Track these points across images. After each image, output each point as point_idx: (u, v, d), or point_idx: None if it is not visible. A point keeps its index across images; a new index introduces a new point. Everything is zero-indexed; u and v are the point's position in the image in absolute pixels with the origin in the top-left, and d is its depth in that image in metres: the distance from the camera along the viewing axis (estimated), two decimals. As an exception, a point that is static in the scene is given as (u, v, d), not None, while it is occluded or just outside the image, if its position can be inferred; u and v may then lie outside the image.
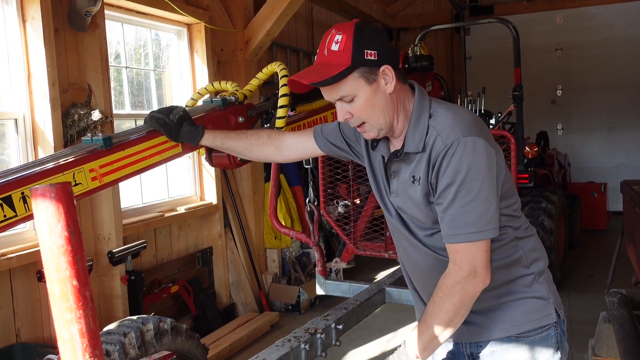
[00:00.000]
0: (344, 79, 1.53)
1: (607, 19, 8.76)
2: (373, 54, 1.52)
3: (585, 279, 5.93)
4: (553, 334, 1.68)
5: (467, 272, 1.50)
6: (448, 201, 1.50)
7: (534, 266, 1.68)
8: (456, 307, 1.52)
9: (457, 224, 1.49)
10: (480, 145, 1.48)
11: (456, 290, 1.51)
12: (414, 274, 1.77)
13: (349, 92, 1.55)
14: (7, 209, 1.50)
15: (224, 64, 5.31)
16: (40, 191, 0.88)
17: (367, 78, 1.54)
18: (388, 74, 1.55)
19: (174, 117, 1.89)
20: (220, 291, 5.18)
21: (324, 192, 3.61)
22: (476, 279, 1.51)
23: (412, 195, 1.60)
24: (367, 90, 1.55)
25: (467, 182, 1.47)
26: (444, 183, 1.50)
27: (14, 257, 3.23)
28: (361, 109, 1.57)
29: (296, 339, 2.25)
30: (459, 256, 1.51)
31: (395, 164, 1.64)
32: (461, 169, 1.47)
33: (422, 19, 9.47)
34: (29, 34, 3.41)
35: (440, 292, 1.53)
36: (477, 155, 1.48)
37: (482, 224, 1.49)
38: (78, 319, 0.89)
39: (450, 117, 1.54)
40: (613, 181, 7.36)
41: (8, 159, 3.49)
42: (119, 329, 2.56)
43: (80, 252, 0.90)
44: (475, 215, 1.48)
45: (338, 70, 1.51)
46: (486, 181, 1.48)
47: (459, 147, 1.47)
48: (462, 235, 1.49)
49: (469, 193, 1.47)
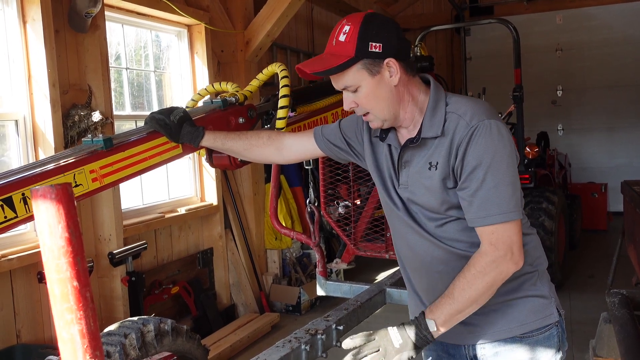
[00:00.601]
0: (347, 70, 1.55)
1: (607, 19, 8.76)
2: (378, 47, 1.54)
3: (585, 279, 5.93)
4: (555, 333, 1.68)
5: (503, 251, 1.50)
6: (478, 183, 1.50)
7: (537, 264, 1.69)
8: (487, 286, 1.51)
9: (490, 205, 1.50)
10: (503, 129, 1.52)
11: (491, 269, 1.50)
12: (418, 271, 1.74)
13: (353, 83, 1.57)
14: (8, 210, 1.50)
15: (224, 65, 5.31)
16: (41, 192, 0.88)
17: (370, 70, 1.55)
18: (392, 66, 1.56)
19: (174, 118, 1.89)
20: (221, 292, 5.18)
21: (325, 193, 3.61)
22: (511, 260, 1.51)
23: (427, 183, 1.59)
24: (370, 82, 1.56)
25: (495, 163, 1.49)
26: (471, 165, 1.51)
27: (14, 258, 3.23)
28: (365, 99, 1.59)
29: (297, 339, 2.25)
30: (495, 237, 1.51)
31: (408, 152, 1.63)
32: (488, 151, 1.49)
33: (422, 20, 9.46)
34: (30, 35, 3.41)
35: (473, 270, 1.51)
36: (502, 138, 1.51)
37: (514, 204, 1.51)
38: (78, 319, 0.89)
39: (470, 103, 1.57)
40: (613, 181, 7.36)
41: (9, 160, 3.49)
42: (120, 330, 2.56)
43: (80, 253, 0.90)
44: (507, 195, 1.50)
45: (341, 61, 1.54)
46: (511, 163, 1.52)
47: (485, 129, 1.50)
48: (496, 216, 1.50)
49: (497, 174, 1.49)
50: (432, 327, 1.53)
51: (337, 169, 3.60)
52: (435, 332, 1.54)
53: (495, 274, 1.51)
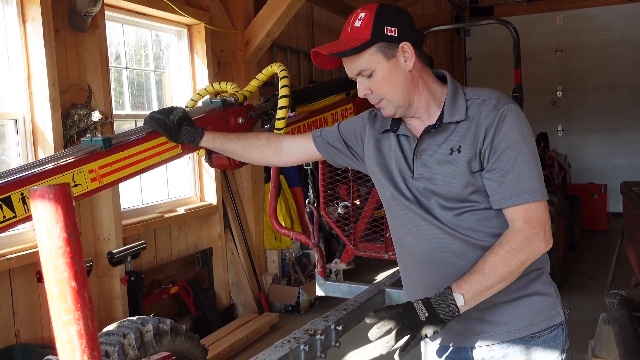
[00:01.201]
0: (363, 53, 1.57)
1: (607, 20, 8.77)
2: (393, 31, 1.56)
3: (585, 280, 5.93)
4: (560, 332, 1.68)
5: (537, 229, 1.51)
6: (510, 163, 1.52)
7: (544, 261, 1.69)
8: (519, 264, 1.51)
9: (523, 184, 1.52)
10: (523, 115, 1.58)
11: (524, 246, 1.50)
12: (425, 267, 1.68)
13: (367, 67, 1.58)
14: (7, 210, 1.50)
15: (224, 65, 5.31)
16: (39, 192, 0.88)
17: (386, 53, 1.57)
18: (407, 50, 1.58)
19: (173, 118, 1.89)
20: (220, 292, 5.17)
21: (324, 193, 3.61)
22: (544, 239, 1.53)
23: (449, 169, 1.58)
24: (386, 66, 1.58)
25: (524, 144, 1.54)
26: (502, 146, 1.53)
27: (13, 257, 3.23)
28: (379, 84, 1.60)
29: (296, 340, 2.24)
30: (529, 214, 1.52)
31: (426, 141, 1.62)
32: (518, 132, 1.54)
33: (422, 20, 9.46)
34: (29, 34, 3.41)
35: (507, 246, 1.50)
36: (526, 122, 1.57)
37: (542, 184, 1.55)
38: (76, 320, 0.89)
39: (490, 90, 1.63)
40: (613, 182, 7.36)
41: (8, 159, 3.49)
42: (119, 329, 2.56)
43: (78, 253, 0.90)
44: (537, 174, 1.55)
45: (358, 44, 1.55)
46: (534, 147, 1.58)
47: (511, 111, 1.55)
48: (530, 194, 1.52)
49: (527, 154, 1.54)
50: (460, 302, 1.48)
51: (337, 170, 3.60)
52: (462, 306, 1.49)
53: (528, 252, 1.51)
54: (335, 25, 7.94)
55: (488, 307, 1.62)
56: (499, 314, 1.64)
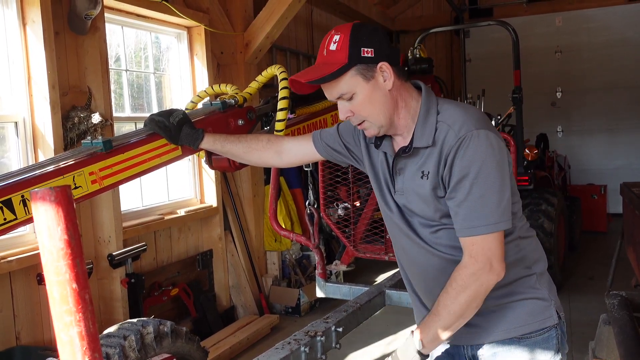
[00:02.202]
0: (342, 77, 1.55)
1: (606, 21, 8.78)
2: (370, 52, 1.55)
3: (585, 280, 5.93)
4: (554, 335, 1.68)
5: (482, 264, 1.51)
6: (464, 194, 1.51)
7: (536, 266, 1.69)
8: (470, 299, 1.52)
9: (474, 216, 1.50)
10: (493, 138, 1.51)
11: (471, 282, 1.51)
12: (415, 275, 1.76)
13: (348, 90, 1.57)
14: (7, 212, 1.50)
15: (224, 67, 5.31)
16: (40, 194, 0.88)
17: (365, 75, 1.56)
18: (386, 70, 1.57)
19: (173, 120, 1.89)
20: (221, 294, 5.17)
21: (324, 195, 3.61)
22: (492, 272, 1.51)
23: (420, 191, 1.60)
24: (365, 87, 1.57)
25: (482, 174, 1.49)
26: (458, 176, 1.51)
27: (14, 259, 3.23)
28: (360, 106, 1.58)
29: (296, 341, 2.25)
30: (475, 248, 1.51)
31: (402, 160, 1.64)
32: (475, 161, 1.49)
33: (421, 22, 9.48)
34: (29, 37, 3.41)
35: (455, 284, 1.52)
36: (490, 148, 1.50)
37: (497, 217, 1.50)
38: (77, 321, 0.90)
39: (461, 112, 1.56)
40: (613, 183, 7.36)
41: (8, 161, 3.49)
42: (119, 331, 2.56)
43: (79, 255, 0.90)
44: (492, 206, 1.49)
45: (335, 68, 1.54)
46: (499, 173, 1.51)
47: (473, 139, 1.49)
48: (479, 228, 1.50)
49: (484, 184, 1.49)
50: (419, 346, 1.56)
51: (337, 171, 3.60)
52: (425, 349, 1.56)
53: (476, 287, 1.51)
54: (334, 26, 7.94)
55: (479, 310, 1.64)
56: (489, 316, 1.67)
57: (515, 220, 1.63)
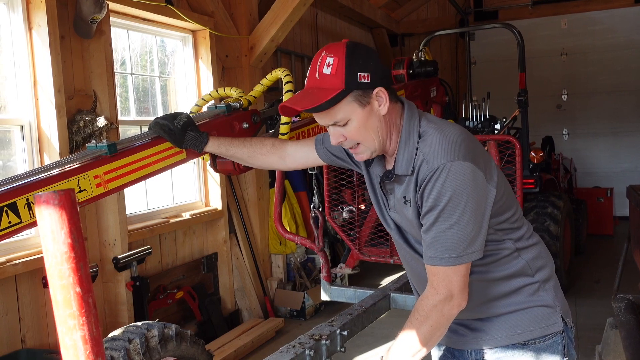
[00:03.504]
0: (338, 104, 1.51)
1: (611, 23, 8.75)
2: (366, 77, 1.51)
3: (591, 284, 5.89)
4: (559, 341, 1.66)
5: (443, 295, 1.51)
6: (429, 224, 1.50)
7: (539, 274, 1.67)
8: (432, 330, 1.52)
9: (436, 247, 1.50)
10: (466, 169, 1.46)
11: (433, 313, 1.51)
12: (418, 283, 1.78)
13: (343, 117, 1.53)
14: (12, 216, 1.51)
15: (229, 70, 5.32)
16: (44, 198, 0.88)
17: (361, 101, 1.52)
18: (382, 96, 1.54)
19: (178, 124, 1.89)
20: (225, 297, 5.17)
21: (329, 198, 3.61)
22: (452, 303, 1.52)
23: (406, 215, 1.61)
24: (361, 114, 1.53)
25: (449, 207, 1.46)
26: (426, 207, 1.50)
27: (19, 263, 3.24)
28: (355, 132, 1.55)
29: (301, 345, 2.24)
30: (437, 279, 1.52)
31: (389, 183, 1.64)
32: (443, 194, 1.46)
33: (426, 25, 9.48)
34: (35, 41, 3.43)
35: (417, 314, 1.54)
36: (461, 180, 1.46)
37: (461, 249, 1.48)
38: (81, 325, 0.89)
39: (438, 140, 1.51)
40: (619, 186, 7.34)
41: (14, 165, 3.50)
42: (124, 335, 2.56)
43: (83, 259, 0.90)
44: (455, 240, 1.48)
45: (331, 95, 1.49)
46: (469, 206, 1.46)
47: (443, 172, 1.46)
48: (441, 259, 1.50)
49: (449, 218, 1.47)
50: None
51: (342, 174, 3.60)
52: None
53: (437, 317, 1.52)
54: (339, 30, 7.96)
55: (483, 317, 1.66)
56: (494, 321, 1.66)
57: (511, 234, 1.62)
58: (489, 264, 1.61)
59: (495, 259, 1.60)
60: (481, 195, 1.49)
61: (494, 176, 1.54)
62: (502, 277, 1.62)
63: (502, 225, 1.59)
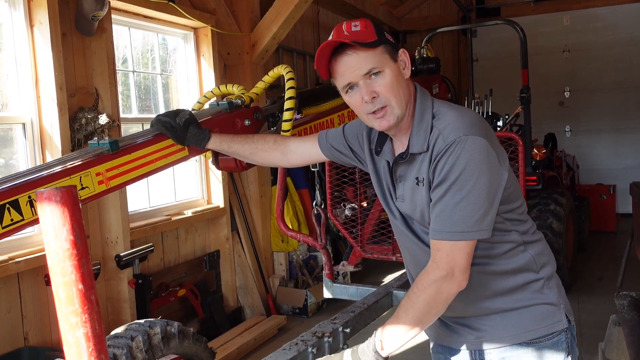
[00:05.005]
0: (374, 49, 1.53)
1: (613, 20, 8.73)
2: (392, 38, 1.58)
3: (594, 281, 5.88)
4: (564, 339, 1.65)
5: (445, 271, 1.48)
6: (438, 196, 1.48)
7: (543, 271, 1.66)
8: (428, 306, 1.50)
9: (443, 221, 1.48)
10: (481, 145, 1.46)
11: (431, 288, 1.49)
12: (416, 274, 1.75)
13: (379, 64, 1.53)
14: (14, 213, 1.50)
15: (231, 67, 5.31)
16: (46, 195, 0.88)
17: (392, 55, 1.56)
18: (404, 59, 1.58)
19: (180, 121, 1.88)
20: (228, 295, 5.17)
21: (331, 195, 3.60)
22: (452, 281, 1.49)
23: (418, 198, 1.58)
24: (393, 67, 1.55)
25: (460, 180, 1.45)
26: (438, 179, 1.49)
27: (22, 260, 3.24)
28: (388, 86, 1.54)
29: (303, 342, 2.24)
30: (440, 254, 1.49)
31: (400, 167, 1.62)
32: (456, 167, 1.45)
33: (428, 22, 9.45)
34: (37, 38, 3.42)
35: (416, 289, 1.52)
36: (475, 155, 1.45)
37: (468, 225, 1.46)
38: (83, 323, 0.89)
39: (454, 116, 1.52)
40: (622, 183, 7.31)
41: (17, 163, 3.50)
42: (127, 332, 2.56)
43: (85, 256, 0.90)
44: (463, 214, 1.45)
45: (371, 39, 1.52)
46: (481, 181, 1.45)
47: (459, 145, 1.45)
48: (446, 233, 1.47)
49: (459, 192, 1.45)
50: (378, 347, 1.54)
51: (344, 171, 3.59)
52: (382, 351, 1.55)
53: (433, 293, 1.49)
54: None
55: (486, 315, 1.64)
56: (497, 321, 1.65)
57: (518, 225, 1.61)
58: (495, 256, 1.59)
59: (501, 251, 1.58)
60: (494, 175, 1.48)
61: (505, 161, 1.55)
62: (507, 271, 1.60)
63: (510, 214, 1.58)
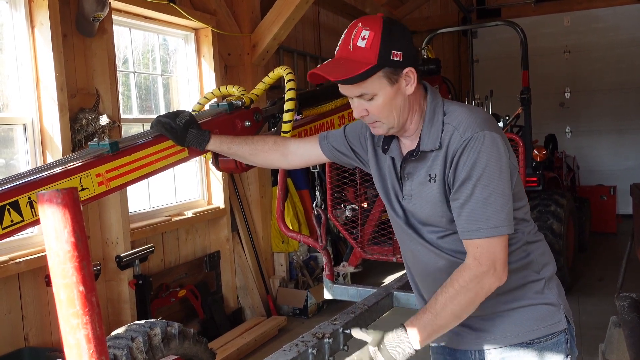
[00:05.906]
0: (368, 78, 1.52)
1: (614, 21, 8.73)
2: (399, 55, 1.52)
3: (595, 282, 5.88)
4: (563, 339, 1.66)
5: (486, 267, 1.49)
6: (466, 196, 1.49)
7: (544, 271, 1.66)
8: (469, 302, 1.50)
9: (476, 219, 1.48)
10: (498, 141, 1.50)
11: (473, 284, 1.49)
12: (422, 277, 1.75)
13: (371, 91, 1.54)
14: (14, 214, 1.51)
15: (231, 68, 5.32)
16: (47, 197, 0.88)
17: (390, 79, 1.53)
18: (411, 76, 1.55)
19: (180, 122, 1.89)
20: (228, 295, 5.17)
21: (332, 196, 3.60)
22: (494, 276, 1.50)
23: (428, 195, 1.58)
24: (389, 91, 1.54)
25: (485, 176, 1.47)
26: (461, 177, 1.49)
27: (22, 261, 3.24)
28: (379, 108, 1.56)
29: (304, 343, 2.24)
30: (479, 251, 1.49)
31: (410, 164, 1.63)
32: (479, 163, 1.47)
33: (429, 22, 9.45)
34: (38, 39, 3.43)
35: (456, 285, 1.50)
36: (494, 150, 1.48)
37: (501, 219, 1.48)
38: (84, 324, 0.89)
39: (466, 113, 1.55)
40: (622, 184, 7.31)
41: (17, 163, 3.51)
42: (127, 333, 2.56)
43: (86, 258, 0.90)
44: (494, 209, 1.48)
45: (364, 69, 1.50)
46: (503, 176, 1.49)
47: (477, 141, 1.48)
48: (482, 230, 1.48)
49: (487, 187, 1.47)
50: (416, 345, 1.52)
51: (344, 172, 3.59)
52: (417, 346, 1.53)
53: (477, 289, 1.49)
54: (341, 28, 7.92)
55: (486, 315, 1.64)
56: (498, 321, 1.65)
57: (522, 225, 1.62)
58: None
59: None
60: (511, 170, 1.52)
61: (514, 158, 1.58)
62: (510, 271, 1.60)
63: (517, 213, 1.58)
